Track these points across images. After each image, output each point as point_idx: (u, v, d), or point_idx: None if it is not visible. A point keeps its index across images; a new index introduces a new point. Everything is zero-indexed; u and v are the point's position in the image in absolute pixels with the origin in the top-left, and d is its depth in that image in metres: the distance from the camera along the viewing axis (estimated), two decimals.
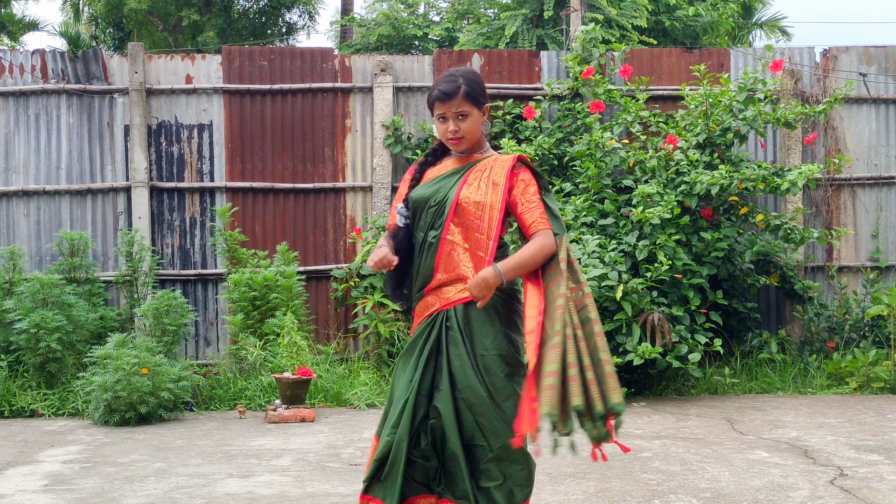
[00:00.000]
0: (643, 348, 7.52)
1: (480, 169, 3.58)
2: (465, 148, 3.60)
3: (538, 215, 3.47)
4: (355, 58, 9.62)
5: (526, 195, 3.50)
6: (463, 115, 3.52)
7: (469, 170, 3.58)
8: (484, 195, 3.51)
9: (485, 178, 3.55)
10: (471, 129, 3.55)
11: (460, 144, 3.57)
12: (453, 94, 3.52)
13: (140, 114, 9.13)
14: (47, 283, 8.06)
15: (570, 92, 9.37)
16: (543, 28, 14.99)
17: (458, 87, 3.53)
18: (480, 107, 3.59)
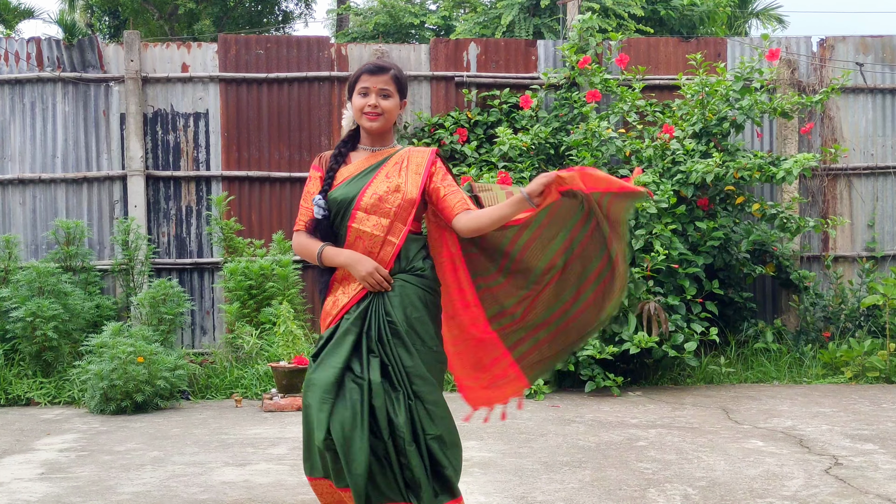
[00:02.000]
0: (639, 337, 7.53)
1: (398, 161, 3.61)
2: (379, 128, 3.59)
3: (461, 198, 3.52)
4: (352, 46, 9.59)
5: (446, 181, 3.56)
6: (387, 94, 3.57)
7: (385, 163, 3.60)
8: (404, 183, 3.54)
9: (405, 168, 3.58)
10: (391, 109, 3.58)
11: (376, 121, 3.57)
12: (384, 70, 3.59)
13: (136, 102, 9.11)
14: (43, 272, 8.05)
15: (566, 81, 9.36)
16: (540, 17, 14.95)
17: (389, 68, 3.61)
18: (402, 97, 3.64)
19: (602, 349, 7.51)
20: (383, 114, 3.57)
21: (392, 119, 3.63)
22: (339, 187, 3.59)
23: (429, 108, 9.51)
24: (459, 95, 9.51)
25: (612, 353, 7.62)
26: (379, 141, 3.67)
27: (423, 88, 9.53)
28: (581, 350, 7.56)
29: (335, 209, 3.59)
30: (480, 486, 4.93)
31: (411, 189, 3.54)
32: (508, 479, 5.08)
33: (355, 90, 3.61)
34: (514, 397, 3.82)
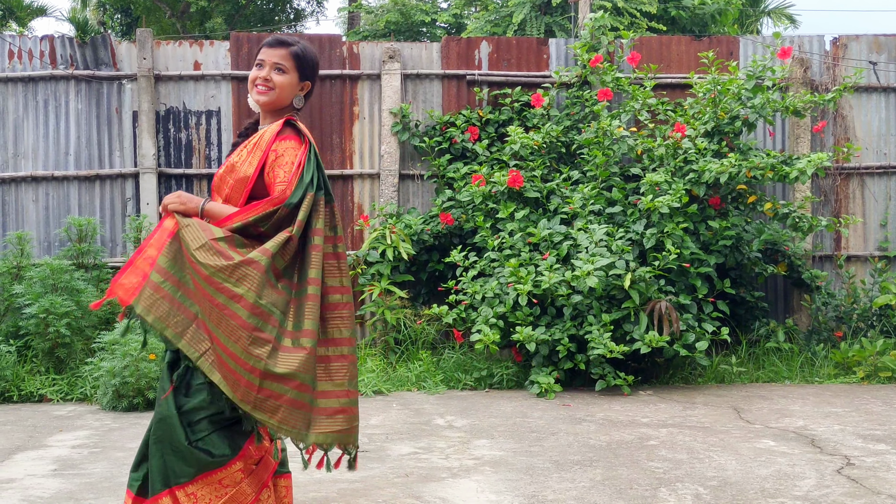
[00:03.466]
0: (650, 337, 7.52)
1: (255, 137, 3.38)
2: (268, 102, 3.38)
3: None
4: (363, 45, 9.60)
5: (278, 166, 3.26)
6: (282, 69, 3.37)
7: (250, 138, 3.42)
8: (241, 161, 3.33)
9: (252, 143, 3.35)
10: (284, 85, 3.37)
11: (265, 95, 3.38)
12: (283, 45, 3.41)
13: (148, 100, 9.14)
14: (56, 269, 8.08)
15: (578, 80, 9.35)
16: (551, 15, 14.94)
17: (291, 43, 3.43)
18: (302, 77, 3.43)
19: (613, 348, 7.50)
20: (274, 88, 3.37)
21: (284, 97, 3.39)
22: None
23: (440, 107, 9.51)
24: (471, 94, 9.51)
25: (622, 353, 7.61)
26: (271, 120, 3.43)
27: (434, 87, 9.53)
28: (592, 349, 7.56)
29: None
30: (491, 485, 4.94)
31: (246, 168, 3.28)
32: (519, 478, 5.08)
33: (254, 63, 3.44)
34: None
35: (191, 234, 3.13)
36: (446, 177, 9.18)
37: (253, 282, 3.06)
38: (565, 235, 8.16)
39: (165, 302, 3.11)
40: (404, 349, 8.76)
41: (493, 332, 7.68)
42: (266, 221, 3.17)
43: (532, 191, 8.56)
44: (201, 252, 3.09)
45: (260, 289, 3.06)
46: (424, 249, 9.09)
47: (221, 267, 3.06)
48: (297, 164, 3.26)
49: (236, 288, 3.04)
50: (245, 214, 3.19)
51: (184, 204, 3.26)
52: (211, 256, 3.08)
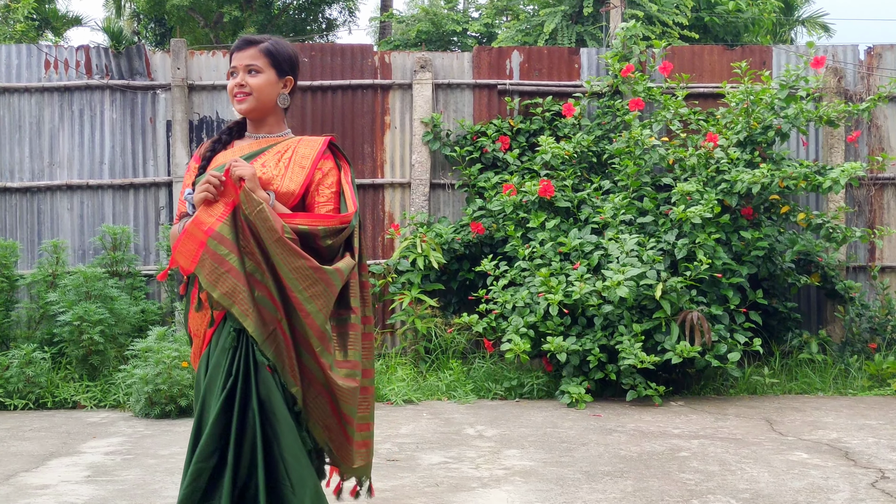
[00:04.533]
0: (682, 347, 7.48)
1: (281, 150, 3.19)
2: (250, 109, 3.19)
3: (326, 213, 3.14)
4: (395, 54, 9.63)
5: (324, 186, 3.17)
6: (255, 69, 3.17)
7: (265, 153, 3.19)
8: (279, 176, 3.12)
9: (286, 158, 3.17)
10: (261, 87, 3.16)
11: (244, 102, 3.17)
12: (251, 44, 3.21)
13: (182, 109, 9.22)
14: (90, 277, 8.16)
15: (609, 89, 9.33)
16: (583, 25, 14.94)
17: (259, 41, 3.22)
18: (281, 74, 3.23)
19: (644, 358, 7.47)
20: (252, 93, 3.16)
21: (267, 98, 3.20)
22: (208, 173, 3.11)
23: (471, 116, 9.52)
24: (502, 103, 9.52)
25: (653, 363, 7.58)
26: (262, 126, 3.27)
27: (465, 96, 9.55)
28: (623, 359, 7.53)
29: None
30: (521, 495, 4.93)
31: (288, 184, 3.10)
32: (550, 489, 5.07)
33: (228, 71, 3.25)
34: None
35: (266, 221, 2.93)
36: (477, 186, 9.19)
37: (323, 302, 2.99)
38: (596, 245, 8.14)
39: (231, 277, 2.92)
40: (434, 358, 8.77)
41: (524, 342, 7.67)
42: (333, 237, 3.07)
43: (563, 200, 8.55)
44: (279, 245, 2.94)
45: (328, 311, 3.01)
46: (455, 258, 9.09)
47: (297, 268, 2.94)
48: (349, 186, 3.19)
49: (308, 304, 2.96)
50: (312, 220, 3.05)
51: (256, 188, 2.99)
52: (289, 254, 2.94)
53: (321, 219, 3.07)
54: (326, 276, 2.98)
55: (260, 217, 2.91)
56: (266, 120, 3.26)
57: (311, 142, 3.23)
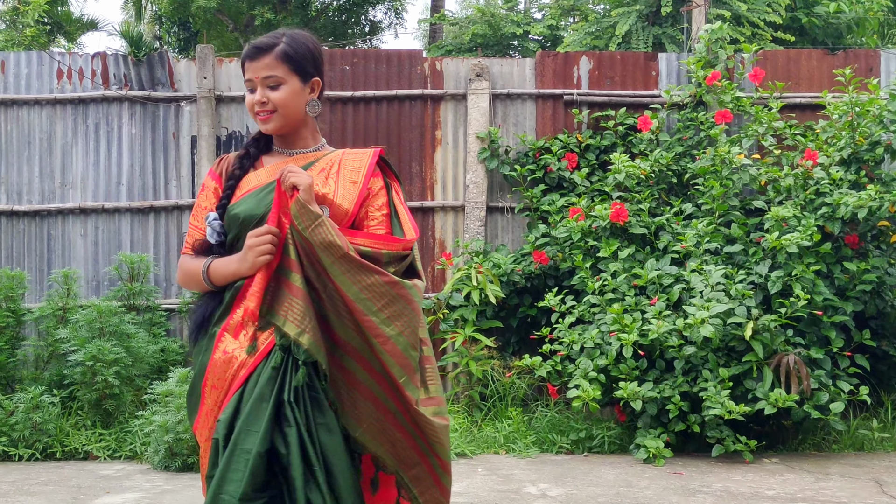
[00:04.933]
0: (776, 395, 7.41)
1: (325, 167, 3.18)
2: (277, 128, 3.17)
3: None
4: (447, 61, 9.71)
5: (377, 205, 3.18)
6: (276, 82, 3.12)
7: (307, 170, 3.15)
8: (332, 193, 3.11)
9: (334, 174, 3.16)
10: (286, 101, 3.12)
11: (269, 122, 3.14)
12: (265, 51, 3.13)
13: (209, 123, 9.37)
14: (105, 311, 8.29)
15: (691, 100, 9.32)
16: (661, 26, 14.92)
17: (273, 44, 3.14)
18: (306, 79, 3.18)
19: (732, 408, 7.40)
20: (276, 109, 3.13)
21: (295, 112, 3.17)
22: (241, 200, 3.15)
23: (533, 131, 9.56)
24: (569, 116, 9.55)
25: (743, 413, 7.51)
26: (295, 141, 3.25)
27: (527, 108, 9.59)
28: (708, 409, 7.48)
29: (235, 230, 3.14)
30: None
31: (340, 202, 3.10)
32: None
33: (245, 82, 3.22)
34: None
35: (326, 236, 2.94)
36: (540, 210, 9.21)
37: (405, 323, 2.98)
38: (676, 277, 8.11)
39: (298, 301, 2.95)
40: (491, 405, 8.77)
41: (594, 388, 7.65)
42: (396, 263, 3.08)
43: (638, 226, 8.54)
44: (344, 262, 2.94)
45: (413, 334, 3.00)
46: (515, 292, 9.11)
47: (370, 285, 2.94)
48: (404, 207, 3.22)
49: (386, 327, 2.95)
50: (374, 242, 3.05)
51: (311, 201, 2.99)
52: (358, 270, 2.94)
53: (384, 241, 3.07)
54: (406, 293, 2.99)
55: (317, 233, 2.93)
56: (298, 133, 3.25)
57: (359, 154, 3.23)
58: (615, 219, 8.40)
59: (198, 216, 3.25)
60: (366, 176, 3.17)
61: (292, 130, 3.22)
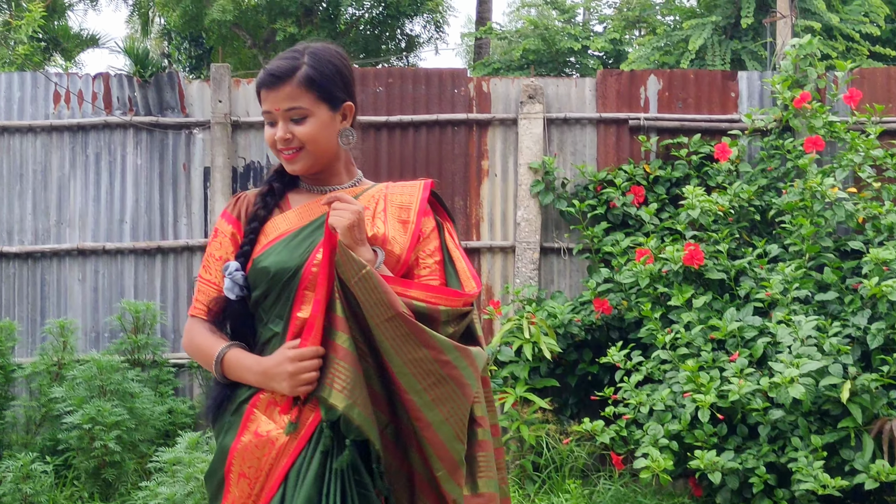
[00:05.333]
0: (878, 467, 7.31)
1: (368, 205, 3.08)
2: (305, 168, 3.07)
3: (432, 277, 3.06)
4: (495, 81, 9.74)
5: (430, 249, 3.09)
6: (301, 115, 3.00)
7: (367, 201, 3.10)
8: (383, 239, 3.04)
9: (382, 212, 3.08)
10: (314, 136, 3.01)
11: (295, 161, 3.04)
12: (284, 77, 3.00)
13: (224, 153, 9.43)
14: (105, 367, 8.31)
15: (777, 125, 9.29)
16: (740, 40, 14.94)
17: (294, 67, 3.00)
18: (335, 105, 3.06)
19: (826, 482, 7.31)
20: (304, 146, 3.02)
21: (325, 146, 3.06)
22: (270, 249, 3.03)
23: (594, 160, 9.55)
24: (634, 143, 9.54)
25: (839, 488, 7.41)
26: (327, 178, 3.16)
27: (586, 134, 9.59)
28: (798, 482, 7.39)
29: (263, 287, 3.01)
30: None
31: (392, 245, 3.03)
32: None
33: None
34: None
35: (374, 291, 2.81)
36: (602, 251, 9.18)
37: (451, 409, 2.86)
38: (760, 330, 8.04)
39: (346, 365, 2.83)
40: (546, 477, 8.72)
41: (665, 457, 7.58)
42: (456, 322, 2.95)
43: (716, 270, 8.48)
44: (392, 326, 2.82)
45: (460, 423, 2.88)
46: (573, 346, 9.07)
47: (418, 360, 2.82)
48: (461, 252, 3.11)
49: (428, 412, 2.83)
50: (431, 295, 2.93)
51: (362, 240, 2.90)
52: (406, 340, 2.82)
53: (443, 295, 2.96)
54: (458, 374, 2.86)
55: (364, 286, 2.81)
56: (330, 168, 3.15)
57: (406, 188, 3.15)
58: (689, 262, 8.35)
59: (210, 268, 3.12)
60: (418, 213, 3.08)
61: (324, 167, 3.12)
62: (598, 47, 17.87)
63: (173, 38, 23.03)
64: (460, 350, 2.87)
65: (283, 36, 19.22)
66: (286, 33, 19.14)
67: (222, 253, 3.11)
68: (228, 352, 2.97)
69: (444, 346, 2.84)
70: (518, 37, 19.10)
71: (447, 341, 2.85)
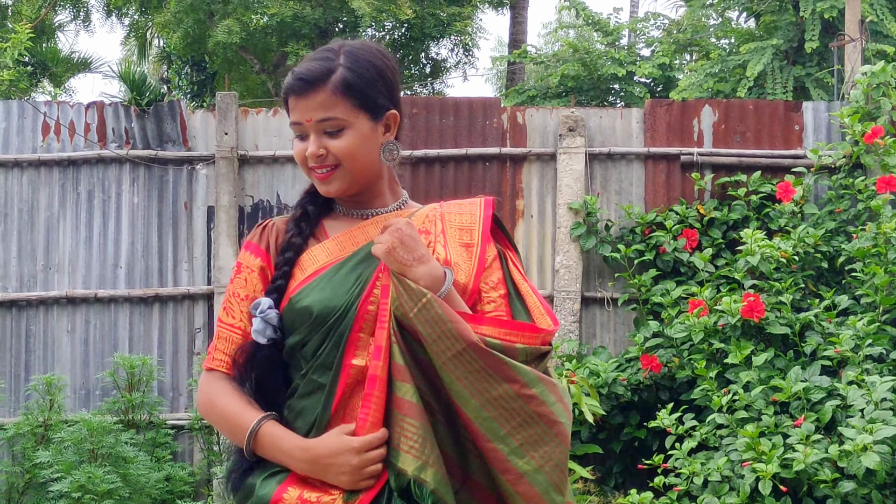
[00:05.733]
0: None
1: (422, 228, 2.86)
2: (347, 188, 2.84)
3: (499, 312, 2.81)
4: (531, 112, 9.76)
5: (494, 279, 2.85)
6: (337, 126, 2.77)
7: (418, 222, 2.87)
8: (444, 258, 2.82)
9: (439, 234, 2.87)
10: (352, 151, 2.78)
11: (330, 182, 2.81)
12: (317, 81, 2.76)
13: (230, 191, 9.45)
14: (96, 428, 8.32)
15: (846, 161, 9.27)
16: (804, 66, 14.93)
17: (327, 70, 2.77)
18: (377, 114, 2.83)
19: None
20: (340, 164, 2.79)
21: (365, 164, 2.82)
22: (310, 286, 2.79)
23: (641, 200, 9.55)
24: (687, 182, 9.53)
25: None
26: (368, 199, 2.93)
27: (633, 171, 9.59)
28: None
29: (303, 332, 2.75)
30: None
31: (460, 272, 2.80)
32: None
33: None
34: None
35: (439, 322, 2.60)
36: (651, 302, 9.17)
37: (546, 454, 2.64)
38: (829, 391, 8.01)
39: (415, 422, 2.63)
40: None
41: None
42: (535, 363, 2.71)
43: (778, 324, 8.45)
44: (463, 361, 2.60)
45: (558, 471, 2.66)
46: (618, 407, 9.04)
47: (499, 397, 2.60)
48: (528, 283, 2.88)
49: (518, 460, 2.61)
50: (505, 332, 2.68)
51: (417, 259, 2.67)
52: (482, 375, 2.60)
53: (518, 331, 2.71)
54: (547, 410, 2.65)
55: (425, 316, 2.61)
56: (373, 188, 2.92)
57: (465, 207, 2.97)
58: (748, 314, 8.33)
59: (234, 311, 2.86)
60: (482, 235, 2.88)
61: (364, 188, 2.88)
62: (645, 73, 17.84)
63: (173, 61, 23.16)
64: (546, 382, 2.66)
65: (295, 60, 19.32)
66: (297, 57, 19.24)
67: (249, 291, 2.86)
68: (263, 426, 2.71)
69: (528, 379, 2.62)
70: (556, 61, 19.10)
71: (531, 372, 2.64)
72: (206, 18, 19.23)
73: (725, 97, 12.36)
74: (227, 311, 2.86)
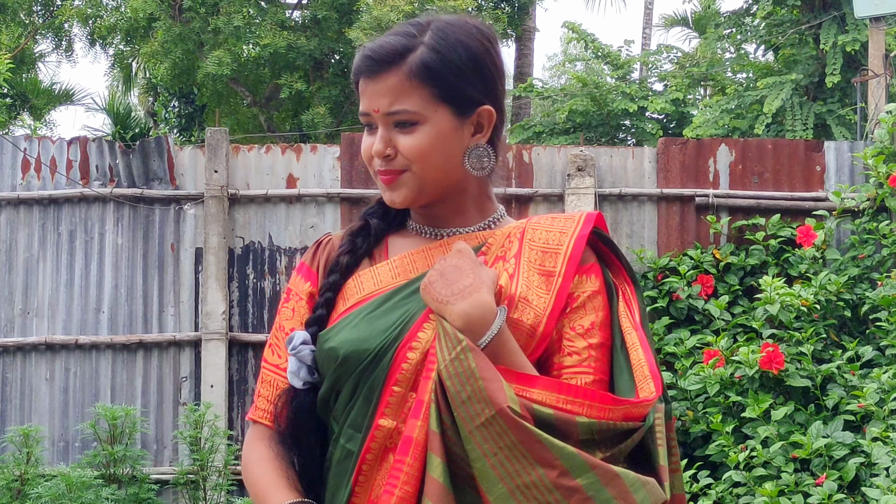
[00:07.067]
0: None
1: (498, 254, 2.40)
2: (415, 199, 2.40)
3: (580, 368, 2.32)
4: (538, 150, 9.77)
5: (584, 321, 2.34)
6: (407, 118, 2.34)
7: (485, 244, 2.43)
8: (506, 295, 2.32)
9: (511, 256, 2.38)
10: (425, 152, 2.34)
11: (397, 186, 2.38)
12: (390, 60, 2.35)
13: (219, 232, 9.44)
14: (76, 483, 8.28)
15: (870, 204, 9.27)
16: (825, 102, 14.96)
17: (405, 48, 2.35)
18: (465, 109, 2.39)
19: None
20: (409, 167, 2.36)
21: (442, 168, 2.38)
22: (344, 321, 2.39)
23: (654, 244, 9.55)
24: (702, 225, 9.53)
25: None
26: (448, 216, 2.49)
27: (645, 213, 9.60)
28: None
29: (332, 378, 2.36)
30: None
31: (522, 309, 2.31)
32: None
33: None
34: None
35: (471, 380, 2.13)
36: (663, 352, 9.15)
37: None
38: (852, 448, 7.99)
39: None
40: None
41: None
42: (609, 445, 2.22)
43: (798, 376, 8.44)
44: (489, 431, 2.12)
45: None
46: None
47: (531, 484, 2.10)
48: (640, 332, 2.36)
49: None
50: (562, 398, 2.19)
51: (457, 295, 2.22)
52: (513, 454, 2.12)
53: (586, 399, 2.21)
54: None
55: (455, 369, 2.16)
56: (453, 202, 2.48)
57: (556, 223, 2.42)
58: (766, 366, 8.32)
59: (279, 348, 2.47)
60: (569, 261, 2.35)
61: (439, 199, 2.45)
62: (658, 108, 17.87)
63: (160, 93, 23.17)
64: (600, 471, 2.13)
65: (289, 93, 19.33)
66: (292, 90, 19.25)
67: (296, 324, 2.48)
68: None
69: (571, 465, 2.11)
70: (563, 95, 19.15)
71: (577, 456, 2.12)
72: (196, 49, 19.26)
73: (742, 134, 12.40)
74: (272, 348, 2.49)
